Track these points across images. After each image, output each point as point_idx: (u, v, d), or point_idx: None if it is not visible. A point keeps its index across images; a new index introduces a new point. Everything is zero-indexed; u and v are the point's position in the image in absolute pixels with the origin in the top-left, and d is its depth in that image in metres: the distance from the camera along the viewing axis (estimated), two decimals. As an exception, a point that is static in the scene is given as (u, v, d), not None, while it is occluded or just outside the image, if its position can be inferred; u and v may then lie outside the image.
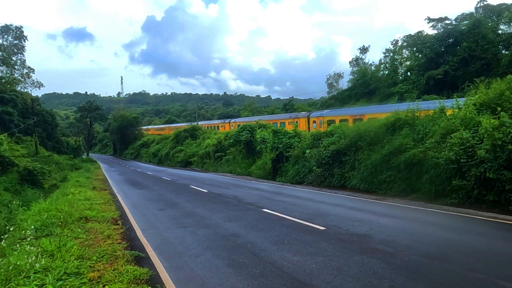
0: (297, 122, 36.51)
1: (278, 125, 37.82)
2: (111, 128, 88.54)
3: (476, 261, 6.28)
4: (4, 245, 7.52)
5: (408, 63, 53.79)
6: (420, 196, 12.95)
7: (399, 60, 56.70)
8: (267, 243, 7.90)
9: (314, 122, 35.31)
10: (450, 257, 6.51)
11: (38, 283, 5.24)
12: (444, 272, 5.76)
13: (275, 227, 9.46)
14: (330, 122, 28.74)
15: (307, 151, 21.05)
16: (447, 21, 44.33)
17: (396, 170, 14.45)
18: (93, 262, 6.75)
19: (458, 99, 15.55)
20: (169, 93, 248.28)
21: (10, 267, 5.72)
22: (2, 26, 51.11)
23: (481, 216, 9.94)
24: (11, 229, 8.35)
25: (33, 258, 6.16)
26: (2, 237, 7.91)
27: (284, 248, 7.43)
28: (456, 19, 43.66)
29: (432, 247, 7.12)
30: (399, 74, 55.06)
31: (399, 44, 56.75)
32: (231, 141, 35.14)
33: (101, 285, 5.66)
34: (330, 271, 5.99)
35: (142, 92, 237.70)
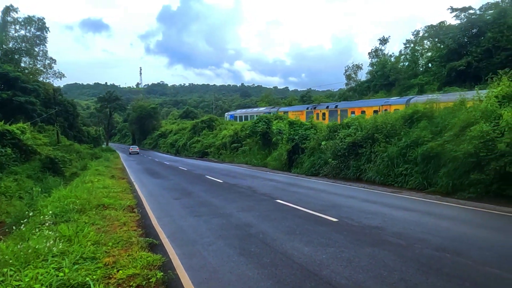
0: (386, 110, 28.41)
1: (367, 113, 30.17)
2: (130, 118, 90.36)
3: (491, 255, 6.15)
4: (24, 229, 7.83)
5: (429, 54, 52.41)
6: (437, 190, 12.75)
7: (420, 51, 55.29)
8: (279, 233, 7.94)
9: None
10: (464, 251, 6.40)
11: (55, 266, 5.42)
12: (457, 266, 5.68)
13: (287, 218, 9.49)
14: None
15: (323, 142, 20.92)
16: (471, 11, 42.74)
17: (413, 163, 14.24)
18: (109, 247, 6.93)
19: (480, 91, 15.04)
20: (187, 84, 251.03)
21: (30, 250, 5.93)
22: (25, 18, 52.21)
23: (500, 211, 9.71)
24: (30, 214, 8.65)
25: (51, 242, 6.38)
26: (22, 222, 8.22)
27: (296, 239, 7.45)
28: (480, 9, 42.04)
29: (446, 241, 7.00)
30: (420, 66, 53.73)
31: (420, 34, 55.29)
32: (247, 132, 35.22)
33: (115, 270, 5.81)
34: (340, 262, 5.98)
35: (161, 83, 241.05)
